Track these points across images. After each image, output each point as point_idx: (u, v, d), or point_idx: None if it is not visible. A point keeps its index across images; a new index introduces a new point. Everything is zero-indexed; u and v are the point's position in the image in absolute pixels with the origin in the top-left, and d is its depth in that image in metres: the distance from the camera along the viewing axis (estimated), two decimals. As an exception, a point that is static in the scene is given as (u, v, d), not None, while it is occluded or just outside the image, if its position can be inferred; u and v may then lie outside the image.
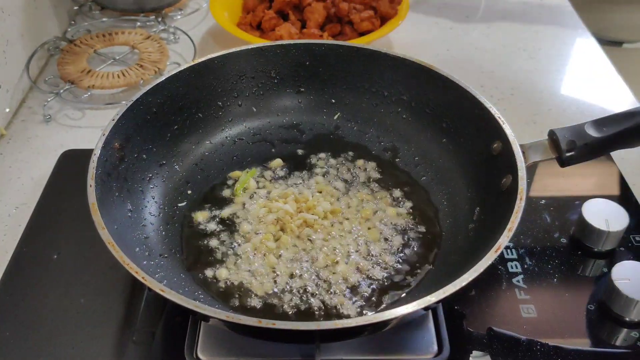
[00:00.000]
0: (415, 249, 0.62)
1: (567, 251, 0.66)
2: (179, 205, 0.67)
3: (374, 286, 0.59)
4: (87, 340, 0.58)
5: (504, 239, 0.51)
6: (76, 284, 0.62)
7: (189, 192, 0.68)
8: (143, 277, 0.49)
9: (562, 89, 0.95)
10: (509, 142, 0.60)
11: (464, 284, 0.48)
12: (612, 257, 0.65)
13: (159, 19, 1.05)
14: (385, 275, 0.60)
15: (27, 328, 0.59)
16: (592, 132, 0.60)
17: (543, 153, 0.61)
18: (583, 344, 0.57)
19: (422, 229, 0.64)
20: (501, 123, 0.62)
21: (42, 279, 0.63)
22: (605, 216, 0.65)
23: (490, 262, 0.49)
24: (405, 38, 1.03)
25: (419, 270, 0.60)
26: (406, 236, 0.64)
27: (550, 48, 1.04)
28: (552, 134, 0.61)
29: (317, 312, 0.57)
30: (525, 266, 0.64)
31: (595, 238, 0.65)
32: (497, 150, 0.62)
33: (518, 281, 0.63)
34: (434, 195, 0.68)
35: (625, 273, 0.60)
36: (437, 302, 0.48)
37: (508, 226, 0.52)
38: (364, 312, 0.57)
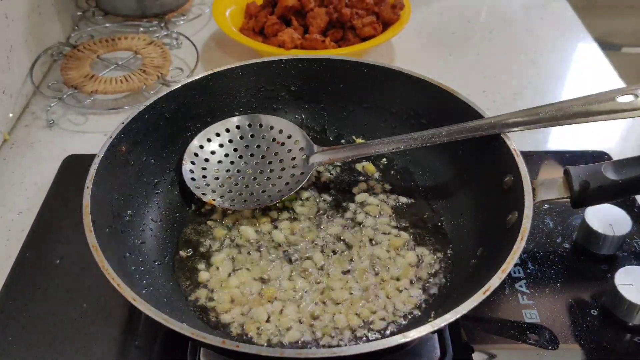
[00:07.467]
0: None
1: (570, 256, 0.66)
2: (183, 212, 0.67)
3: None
4: (90, 345, 0.58)
5: (496, 281, 0.49)
6: (79, 288, 0.62)
7: (195, 200, 0.68)
8: (118, 284, 0.48)
9: (564, 94, 0.95)
10: (520, 176, 0.57)
11: (440, 325, 0.46)
12: (615, 262, 0.65)
13: (162, 25, 1.05)
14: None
15: (30, 333, 0.59)
16: (609, 174, 0.57)
17: (554, 191, 0.58)
18: (586, 349, 0.57)
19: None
20: (515, 156, 0.59)
21: (45, 283, 0.63)
22: (608, 221, 0.65)
23: (476, 304, 0.47)
24: (408, 43, 1.03)
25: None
26: None
27: (552, 53, 1.04)
28: (566, 172, 0.58)
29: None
30: (528, 271, 0.64)
31: (599, 243, 0.65)
32: (509, 184, 0.59)
33: (521, 286, 0.63)
34: (444, 224, 0.66)
35: (629, 278, 0.60)
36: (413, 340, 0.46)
37: (502, 267, 0.49)
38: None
